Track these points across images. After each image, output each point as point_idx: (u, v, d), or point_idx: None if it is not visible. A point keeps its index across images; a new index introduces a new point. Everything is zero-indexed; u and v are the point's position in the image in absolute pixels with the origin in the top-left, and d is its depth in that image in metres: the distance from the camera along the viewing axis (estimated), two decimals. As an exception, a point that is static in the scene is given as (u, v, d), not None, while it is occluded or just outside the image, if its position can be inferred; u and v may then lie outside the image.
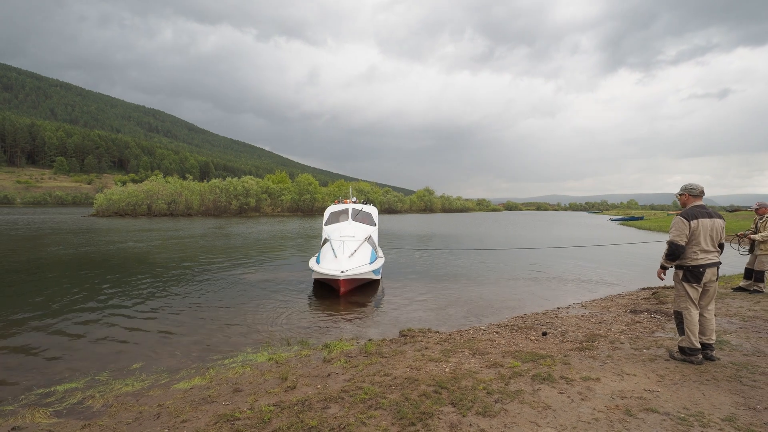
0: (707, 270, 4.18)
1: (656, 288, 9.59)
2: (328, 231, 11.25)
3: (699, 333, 4.33)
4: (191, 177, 70.32)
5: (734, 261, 10.67)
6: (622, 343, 5.11)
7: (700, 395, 3.57)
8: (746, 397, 3.53)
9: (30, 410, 3.83)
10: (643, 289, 9.86)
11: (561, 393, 3.64)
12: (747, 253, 7.98)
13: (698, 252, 4.18)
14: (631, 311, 7.06)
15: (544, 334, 5.67)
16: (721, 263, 4.28)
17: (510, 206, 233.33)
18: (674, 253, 4.21)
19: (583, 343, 5.14)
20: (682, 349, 4.38)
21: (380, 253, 11.77)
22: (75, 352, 5.60)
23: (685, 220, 4.18)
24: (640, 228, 40.46)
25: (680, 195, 4.47)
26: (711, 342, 4.37)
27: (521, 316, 7.24)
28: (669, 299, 7.82)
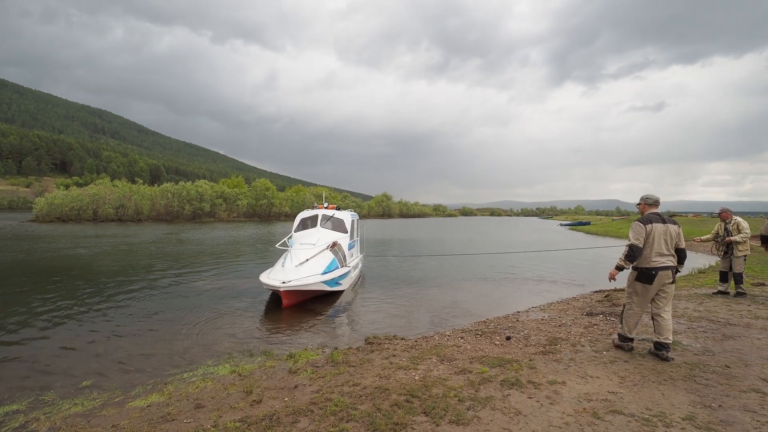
0: (659, 272, 4.43)
1: (608, 291, 10.05)
2: (294, 238, 10.81)
3: (656, 333, 4.58)
4: (141, 181, 66.91)
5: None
6: (582, 346, 5.27)
7: (659, 395, 3.71)
8: (701, 395, 3.70)
9: (-42, 439, 3.38)
10: (596, 291, 10.30)
11: (530, 398, 3.67)
12: (721, 256, 8.17)
13: (653, 254, 4.44)
14: (587, 314, 7.33)
15: (508, 338, 5.76)
16: (676, 268, 4.52)
17: (465, 212, 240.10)
18: (633, 255, 4.48)
19: (546, 347, 5.25)
20: (620, 336, 4.95)
21: (351, 262, 11.10)
22: (15, 371, 5.09)
23: (641, 225, 4.50)
24: (588, 233, 42.67)
25: (638, 204, 4.80)
26: (668, 342, 4.57)
27: (484, 321, 7.33)
28: (621, 301, 8.19)
